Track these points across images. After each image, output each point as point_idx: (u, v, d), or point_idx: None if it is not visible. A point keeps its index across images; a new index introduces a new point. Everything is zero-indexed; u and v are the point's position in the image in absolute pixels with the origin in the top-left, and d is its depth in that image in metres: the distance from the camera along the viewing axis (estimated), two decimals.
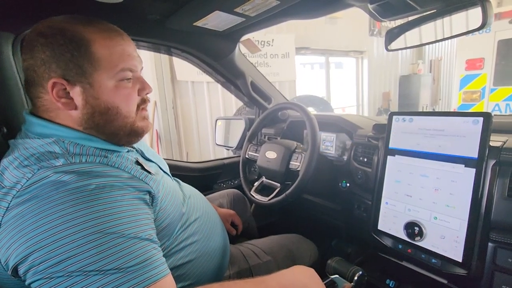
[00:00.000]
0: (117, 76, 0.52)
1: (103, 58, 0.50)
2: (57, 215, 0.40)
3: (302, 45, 4.41)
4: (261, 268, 0.82)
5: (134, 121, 0.56)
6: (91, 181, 0.44)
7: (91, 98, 0.50)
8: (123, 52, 0.52)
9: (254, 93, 1.36)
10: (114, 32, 0.53)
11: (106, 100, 0.51)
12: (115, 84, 0.52)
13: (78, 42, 0.48)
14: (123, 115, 0.54)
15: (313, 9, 0.82)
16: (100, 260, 0.40)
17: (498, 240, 0.64)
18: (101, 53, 0.50)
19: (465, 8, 0.65)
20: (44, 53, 0.48)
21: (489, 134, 0.66)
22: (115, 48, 0.51)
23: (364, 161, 0.97)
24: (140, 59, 0.58)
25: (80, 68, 0.49)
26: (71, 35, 0.48)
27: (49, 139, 0.49)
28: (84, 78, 0.49)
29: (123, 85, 0.53)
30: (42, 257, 0.39)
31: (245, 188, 1.14)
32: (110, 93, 0.51)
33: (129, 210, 0.46)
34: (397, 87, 6.13)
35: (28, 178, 0.43)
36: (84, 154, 0.49)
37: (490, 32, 3.33)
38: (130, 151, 0.59)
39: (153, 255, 0.45)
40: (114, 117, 0.53)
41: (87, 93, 0.50)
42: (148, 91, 0.58)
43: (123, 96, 0.53)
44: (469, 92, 3.70)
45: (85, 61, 0.49)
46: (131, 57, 0.54)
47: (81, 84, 0.49)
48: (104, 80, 0.51)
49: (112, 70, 0.51)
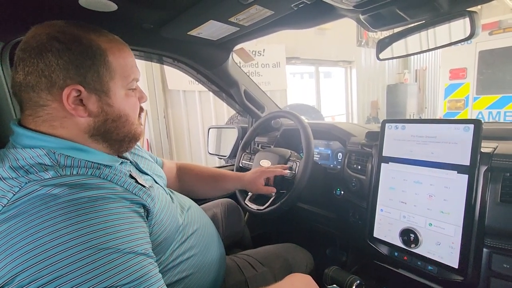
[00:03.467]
0: (128, 86, 0.55)
1: (118, 68, 0.52)
2: (47, 231, 0.38)
3: (293, 55, 4.49)
4: (258, 279, 0.80)
5: (137, 127, 0.59)
6: (83, 194, 0.42)
7: (106, 106, 0.52)
8: (133, 63, 0.56)
9: (248, 102, 1.36)
10: (123, 44, 0.56)
11: (118, 108, 0.53)
12: (125, 93, 0.55)
13: (96, 51, 0.49)
14: (131, 122, 0.56)
15: (306, 19, 0.84)
16: (94, 278, 0.37)
17: (493, 245, 0.65)
18: (116, 63, 0.52)
19: (453, 19, 0.67)
20: (62, 58, 0.46)
21: (480, 140, 0.68)
22: (127, 59, 0.54)
23: (358, 168, 0.98)
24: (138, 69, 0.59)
25: (98, 76, 0.50)
26: (88, 43, 0.49)
27: (40, 150, 0.47)
28: (100, 86, 0.50)
29: (130, 94, 0.56)
30: (30, 277, 0.36)
31: (239, 197, 1.13)
32: (122, 101, 0.54)
33: (124, 224, 0.44)
34: (384, 96, 6.29)
35: (15, 192, 0.41)
36: (75, 166, 0.47)
37: (472, 44, 3.48)
38: (124, 163, 0.58)
39: (149, 270, 0.43)
40: (124, 123, 0.55)
41: (103, 101, 0.51)
42: (145, 99, 0.61)
43: (131, 104, 0.56)
44: (454, 101, 3.82)
45: (104, 69, 0.50)
46: (135, 68, 0.57)
47: (97, 92, 0.50)
48: (117, 89, 0.53)
49: (125, 79, 0.54)
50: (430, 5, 0.65)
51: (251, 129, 1.23)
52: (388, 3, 0.66)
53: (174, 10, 0.76)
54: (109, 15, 0.72)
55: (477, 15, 0.62)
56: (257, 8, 0.72)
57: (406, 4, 0.66)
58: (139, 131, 0.60)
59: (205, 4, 0.71)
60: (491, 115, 3.51)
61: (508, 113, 3.36)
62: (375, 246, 0.86)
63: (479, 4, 0.65)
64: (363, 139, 1.00)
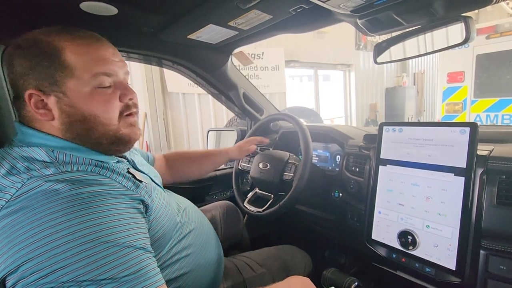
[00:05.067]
0: (93, 83, 0.50)
1: (75, 65, 0.49)
2: (49, 225, 0.39)
3: (291, 58, 4.51)
4: (256, 280, 0.81)
5: (118, 128, 0.54)
6: (85, 189, 0.43)
7: (66, 107, 0.49)
8: (97, 57, 0.51)
9: (247, 105, 1.37)
10: (88, 38, 0.51)
11: (82, 108, 0.50)
12: (90, 91, 0.50)
13: (50, 51, 0.48)
14: (103, 122, 0.52)
15: (304, 24, 0.85)
16: (94, 270, 0.39)
17: (490, 247, 0.65)
18: (73, 60, 0.49)
19: (449, 24, 0.69)
20: (21, 66, 0.48)
21: (476, 143, 0.69)
22: (87, 54, 0.50)
23: (356, 171, 0.98)
24: (122, 64, 0.55)
25: (52, 78, 0.48)
26: (44, 45, 0.48)
27: (38, 148, 0.48)
28: (57, 87, 0.48)
29: (99, 91, 0.51)
30: (32, 268, 0.38)
31: (238, 199, 1.13)
32: (86, 100, 0.50)
33: (124, 219, 0.45)
34: (383, 99, 6.32)
35: (18, 188, 0.42)
36: (74, 163, 0.49)
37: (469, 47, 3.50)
38: (120, 162, 0.58)
39: (148, 264, 0.44)
40: (93, 125, 0.51)
41: (62, 102, 0.49)
42: (131, 96, 0.56)
43: (100, 103, 0.51)
44: (452, 104, 3.84)
45: (57, 70, 0.48)
46: (107, 62, 0.52)
47: (55, 94, 0.49)
48: (78, 88, 0.49)
49: (85, 76, 0.49)
50: (426, 10, 0.66)
51: (250, 131, 1.23)
52: (385, 8, 0.68)
53: (173, 14, 0.77)
54: (109, 19, 0.73)
55: (472, 20, 0.63)
56: (255, 13, 0.73)
57: (402, 9, 0.67)
58: (124, 132, 0.55)
59: (205, 9, 0.72)
60: (488, 118, 3.53)
61: (506, 116, 3.38)
62: (373, 248, 0.86)
63: (474, 9, 0.67)
64: (361, 141, 1.00)
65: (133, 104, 0.57)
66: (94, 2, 0.64)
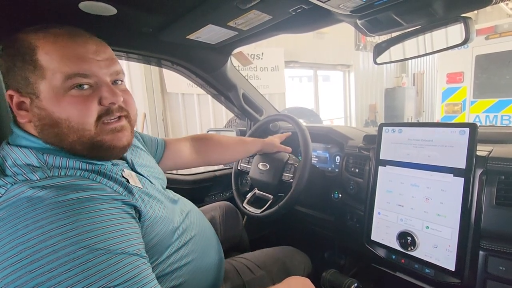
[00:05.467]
0: (66, 84, 0.46)
1: (47, 65, 0.45)
2: (34, 234, 0.36)
3: (291, 59, 4.51)
4: (255, 283, 0.80)
5: (95, 134, 0.49)
6: (72, 195, 0.41)
7: (36, 109, 0.47)
8: (72, 55, 0.46)
9: (246, 105, 1.37)
10: (65, 35, 0.47)
11: (53, 111, 0.46)
12: (63, 93, 0.46)
13: (24, 51, 0.46)
14: (75, 128, 0.47)
15: (303, 24, 0.85)
16: (85, 279, 0.36)
17: (489, 248, 0.65)
18: (44, 60, 0.45)
19: (448, 25, 0.69)
20: (3, 66, 0.47)
21: (476, 144, 0.69)
22: (60, 52, 0.46)
23: (355, 171, 0.98)
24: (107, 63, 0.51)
25: (26, 79, 0.46)
26: (20, 44, 0.46)
27: (28, 150, 0.46)
28: (30, 88, 0.46)
29: (74, 93, 0.47)
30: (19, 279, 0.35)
31: (238, 200, 1.13)
32: (57, 103, 0.46)
33: (115, 225, 0.43)
34: (382, 100, 6.32)
35: (1, 194, 0.40)
36: (63, 167, 0.47)
37: (468, 48, 3.51)
38: (115, 165, 0.55)
39: (142, 270, 0.42)
40: (65, 130, 0.47)
41: (34, 104, 0.47)
42: (113, 100, 0.50)
43: (73, 106, 0.47)
44: (451, 104, 3.84)
45: (29, 70, 0.46)
46: (84, 61, 0.47)
47: (29, 95, 0.47)
48: (49, 89, 0.46)
49: (56, 77, 0.45)
50: (426, 11, 0.66)
51: (249, 132, 1.23)
52: (385, 8, 0.67)
53: (173, 14, 0.76)
54: (108, 19, 0.73)
55: (472, 21, 0.63)
56: (255, 13, 0.73)
57: (402, 10, 0.67)
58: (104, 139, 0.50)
59: (204, 9, 0.72)
60: (488, 119, 3.53)
61: (505, 117, 3.38)
62: (373, 249, 0.86)
63: (474, 10, 0.66)
64: (361, 142, 1.00)
65: (118, 108, 0.52)
66: (93, 2, 0.64)
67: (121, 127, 0.53)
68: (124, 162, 0.60)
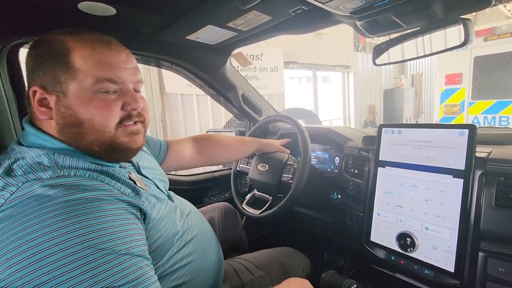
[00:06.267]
0: (95, 87, 0.49)
1: (79, 68, 0.48)
2: (41, 232, 0.37)
3: (290, 60, 4.51)
4: (254, 284, 0.80)
5: (114, 136, 0.51)
6: (80, 195, 0.42)
7: (62, 108, 0.49)
8: (104, 62, 0.50)
9: (245, 106, 1.37)
10: (100, 41, 0.51)
11: (78, 111, 0.49)
12: (90, 96, 0.49)
13: (58, 51, 0.48)
14: (98, 129, 0.50)
15: (303, 25, 0.85)
16: (90, 279, 0.37)
17: (488, 249, 0.65)
18: (78, 62, 0.48)
19: (448, 26, 0.69)
20: (32, 63, 0.50)
21: (475, 145, 0.69)
22: (94, 58, 0.49)
23: (355, 172, 0.98)
24: (133, 72, 0.54)
25: (55, 77, 0.48)
26: (54, 45, 0.49)
27: (39, 149, 0.48)
28: (58, 87, 0.48)
29: (101, 96, 0.50)
30: (25, 277, 0.36)
31: (237, 201, 1.13)
32: (84, 104, 0.49)
33: (120, 225, 0.44)
34: (381, 101, 6.33)
35: (12, 192, 0.41)
36: (73, 167, 0.48)
37: (467, 49, 3.52)
38: (122, 167, 0.57)
39: (145, 272, 0.43)
40: (87, 130, 0.49)
41: (60, 103, 0.49)
42: (135, 106, 0.53)
43: (98, 109, 0.49)
44: (450, 106, 3.86)
45: (62, 70, 0.48)
46: (114, 68, 0.51)
47: (56, 93, 0.49)
48: (78, 90, 0.48)
49: (87, 80, 0.48)
50: (425, 12, 0.66)
51: (248, 133, 1.23)
52: (384, 10, 0.68)
53: (172, 14, 0.76)
54: (107, 19, 0.73)
55: (471, 23, 0.63)
56: (255, 14, 0.73)
57: (401, 11, 0.67)
58: (121, 141, 0.52)
59: (204, 9, 0.72)
60: (486, 120, 3.54)
61: (503, 118, 3.39)
62: (372, 250, 0.86)
63: (473, 12, 0.67)
64: (360, 143, 1.00)
65: (137, 114, 0.55)
66: (92, 2, 0.64)
67: (137, 131, 0.55)
68: (131, 165, 0.61)
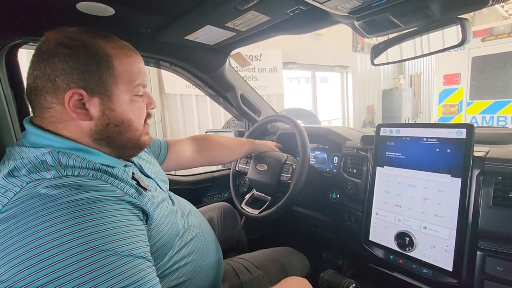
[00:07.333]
0: (133, 91, 0.54)
1: (123, 73, 0.52)
2: (44, 233, 0.37)
3: (289, 60, 4.52)
4: (253, 283, 0.80)
5: (141, 134, 0.58)
6: (82, 195, 0.42)
7: (108, 110, 0.51)
8: (140, 69, 0.55)
9: (244, 106, 1.37)
10: (131, 49, 0.56)
11: (121, 112, 0.53)
12: (130, 98, 0.54)
13: (102, 57, 0.50)
14: (135, 128, 0.55)
15: (301, 25, 0.85)
16: (92, 280, 0.37)
17: (486, 248, 0.66)
18: (121, 68, 0.52)
19: (445, 26, 0.69)
20: (67, 64, 0.48)
21: (473, 144, 0.69)
22: (133, 65, 0.54)
23: (353, 172, 0.98)
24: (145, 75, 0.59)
25: (101, 81, 0.50)
26: (95, 49, 0.50)
27: (44, 149, 0.47)
28: (104, 90, 0.50)
29: (135, 99, 0.55)
30: (27, 278, 0.36)
31: (236, 201, 1.13)
32: (126, 106, 0.53)
33: (123, 226, 0.44)
34: (380, 101, 6.35)
35: (16, 192, 0.41)
36: (77, 167, 0.47)
37: (465, 50, 3.54)
38: (128, 166, 0.58)
39: (147, 274, 0.43)
40: (127, 129, 0.54)
41: (105, 105, 0.51)
42: (154, 106, 0.61)
43: (136, 110, 0.55)
44: (448, 106, 3.87)
45: (107, 74, 0.50)
46: (144, 73, 0.57)
47: (100, 96, 0.50)
48: (121, 94, 0.53)
49: (130, 85, 0.53)
50: (423, 12, 0.67)
51: (247, 133, 1.23)
52: (382, 10, 0.68)
53: (171, 15, 0.76)
54: (106, 19, 0.73)
55: (468, 22, 0.63)
56: (253, 14, 0.73)
57: (399, 11, 0.68)
58: (144, 139, 0.59)
59: (202, 10, 0.72)
60: (484, 120, 3.56)
61: (501, 118, 3.41)
62: (371, 249, 0.86)
63: (470, 12, 0.67)
64: (358, 143, 1.00)
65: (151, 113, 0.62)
66: (90, 3, 0.64)
67: (149, 129, 0.62)
68: (133, 165, 0.61)
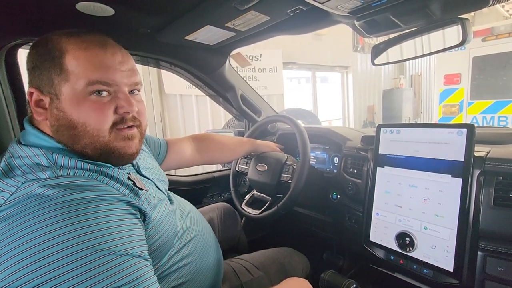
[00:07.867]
0: (87, 90, 0.48)
1: (72, 70, 0.47)
2: (40, 232, 0.37)
3: (289, 60, 4.52)
4: (253, 284, 0.80)
5: (108, 141, 0.50)
6: (79, 195, 0.42)
7: (55, 110, 0.48)
8: (98, 63, 0.49)
9: (244, 106, 1.37)
10: (95, 43, 0.50)
11: (71, 114, 0.48)
12: (83, 98, 0.48)
13: (54, 53, 0.48)
14: (90, 132, 0.49)
15: (301, 25, 0.85)
16: (88, 279, 0.37)
17: (487, 248, 0.65)
18: (71, 64, 0.47)
19: (446, 26, 0.69)
20: (31, 62, 0.50)
21: (473, 144, 0.69)
22: (88, 59, 0.48)
23: (354, 172, 0.98)
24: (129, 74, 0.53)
25: (49, 79, 0.48)
26: (51, 46, 0.48)
27: (38, 149, 0.47)
28: (52, 88, 0.48)
29: (94, 99, 0.49)
30: (24, 277, 0.36)
31: (236, 201, 1.13)
32: (76, 107, 0.48)
33: (120, 226, 0.43)
34: (381, 101, 6.34)
35: (12, 192, 0.41)
36: (72, 167, 0.47)
37: (465, 50, 3.53)
38: (122, 168, 0.56)
39: (144, 273, 0.43)
40: (81, 133, 0.48)
41: (53, 105, 0.49)
42: (128, 110, 0.51)
43: (90, 111, 0.48)
44: (449, 106, 3.86)
45: (55, 72, 0.48)
46: (108, 70, 0.49)
47: (49, 95, 0.49)
48: (71, 93, 0.48)
49: (80, 82, 0.47)
50: (423, 12, 0.67)
51: (247, 133, 1.23)
52: (382, 10, 0.68)
53: (171, 15, 0.76)
54: (106, 19, 0.73)
55: (469, 22, 0.63)
56: (253, 14, 0.73)
57: (399, 11, 0.67)
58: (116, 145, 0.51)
59: (202, 10, 0.72)
60: (485, 120, 3.55)
61: (502, 118, 3.40)
62: (371, 250, 0.86)
63: (471, 11, 0.67)
64: (359, 143, 1.00)
65: (132, 118, 0.53)
66: (90, 3, 0.64)
67: (131, 135, 0.54)
68: (130, 165, 0.61)
